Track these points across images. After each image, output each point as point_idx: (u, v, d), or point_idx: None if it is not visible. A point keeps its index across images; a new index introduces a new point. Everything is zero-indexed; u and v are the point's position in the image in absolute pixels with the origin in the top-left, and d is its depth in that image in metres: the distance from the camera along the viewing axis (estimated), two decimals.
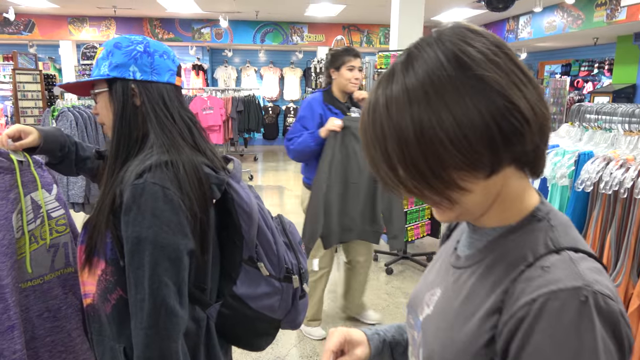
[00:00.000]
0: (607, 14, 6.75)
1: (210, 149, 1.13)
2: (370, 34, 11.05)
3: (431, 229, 4.41)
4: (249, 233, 1.08)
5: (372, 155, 0.58)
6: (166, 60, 1.08)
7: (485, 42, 0.55)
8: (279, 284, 1.14)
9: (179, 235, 0.96)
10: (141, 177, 0.95)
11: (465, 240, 0.69)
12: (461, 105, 0.52)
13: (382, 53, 4.01)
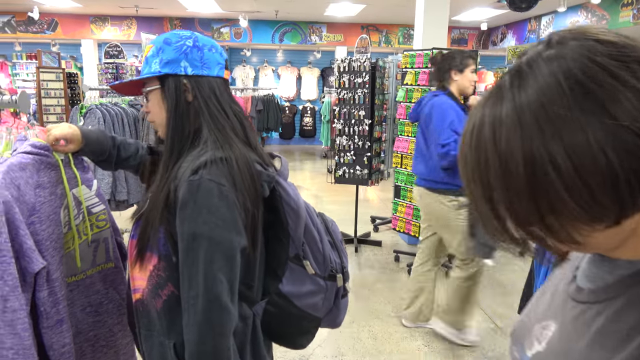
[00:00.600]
0: (634, 14, 6.61)
1: (259, 143, 1.13)
2: (389, 34, 11.01)
3: None
4: (295, 231, 1.08)
5: (471, 187, 0.50)
6: (214, 53, 1.09)
7: (619, 58, 0.44)
8: (323, 282, 1.14)
9: (234, 232, 0.96)
10: (197, 174, 0.95)
11: (588, 270, 0.60)
12: (579, 142, 0.42)
13: (407, 52, 3.98)
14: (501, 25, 10.58)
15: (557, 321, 0.61)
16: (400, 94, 4.09)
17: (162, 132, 1.10)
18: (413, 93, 3.95)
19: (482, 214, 0.50)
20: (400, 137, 4.14)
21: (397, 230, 4.35)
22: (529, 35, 9.53)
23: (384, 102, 4.70)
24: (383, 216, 5.76)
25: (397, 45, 11.03)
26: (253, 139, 1.10)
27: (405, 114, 4.06)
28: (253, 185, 1.00)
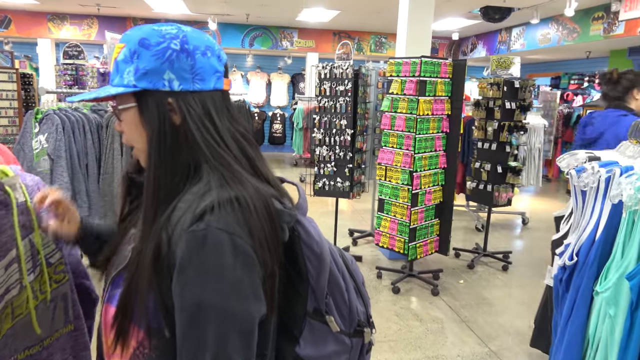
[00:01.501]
0: (605, 28, 6.72)
1: (271, 171, 0.88)
2: (361, 41, 10.90)
3: (439, 246, 4.20)
4: (318, 280, 0.85)
5: None
6: (210, 58, 0.82)
7: None
8: (349, 340, 0.91)
9: (252, 300, 0.72)
10: (201, 221, 0.70)
11: None
12: None
13: (393, 60, 3.80)
14: (472, 35, 10.66)
15: None
16: (385, 103, 3.90)
17: (144, 161, 0.83)
18: (399, 102, 3.77)
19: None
20: (384, 149, 3.95)
21: (380, 245, 4.15)
22: (499, 46, 9.63)
23: (365, 111, 4.50)
24: (361, 229, 5.56)
25: (369, 52, 10.94)
26: (263, 167, 0.85)
27: (391, 124, 3.87)
28: (273, 232, 0.76)
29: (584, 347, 1.68)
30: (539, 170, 6.38)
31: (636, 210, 1.50)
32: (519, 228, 6.37)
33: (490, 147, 4.56)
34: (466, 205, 6.55)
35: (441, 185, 4.04)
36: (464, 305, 3.86)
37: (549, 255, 5.80)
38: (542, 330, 2.07)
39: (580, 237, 1.69)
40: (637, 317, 1.47)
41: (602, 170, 1.61)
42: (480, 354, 3.13)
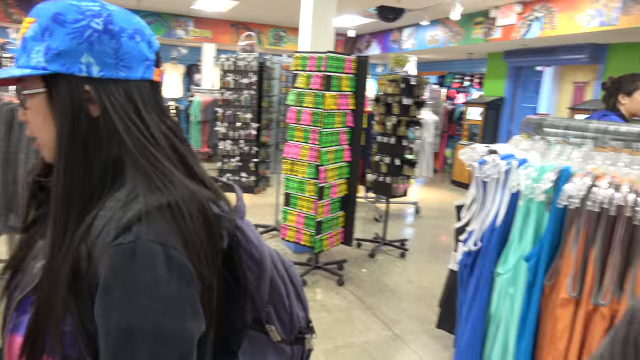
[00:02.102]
0: (485, 32, 7.39)
1: (204, 171, 0.78)
2: (260, 34, 10.77)
3: (344, 237, 4.31)
4: (258, 289, 0.79)
5: None
6: (140, 43, 0.71)
7: None
8: (289, 349, 0.86)
9: (191, 317, 0.64)
10: (129, 232, 0.61)
11: None
12: None
13: (298, 54, 3.80)
14: (367, 33, 11.09)
15: None
16: (290, 97, 3.89)
17: (51, 157, 0.71)
18: (305, 97, 3.78)
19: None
20: (290, 143, 3.95)
21: (287, 239, 4.16)
22: (392, 45, 10.13)
23: (270, 104, 4.45)
24: (265, 224, 5.51)
25: (267, 46, 10.86)
26: (197, 166, 0.76)
27: (296, 118, 3.87)
28: (211, 240, 0.68)
29: (487, 325, 1.83)
30: (429, 163, 6.86)
31: (531, 199, 1.65)
32: (412, 217, 6.79)
33: (389, 141, 4.78)
34: (365, 197, 6.82)
35: (346, 178, 4.14)
36: (367, 293, 4.01)
37: (441, 242, 6.22)
38: (446, 312, 2.22)
39: (483, 224, 1.84)
40: (534, 294, 1.63)
41: (502, 163, 1.75)
42: (386, 339, 3.28)
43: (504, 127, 8.82)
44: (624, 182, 1.44)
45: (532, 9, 6.48)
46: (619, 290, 1.47)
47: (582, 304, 1.52)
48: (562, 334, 1.56)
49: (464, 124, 9.18)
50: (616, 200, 1.41)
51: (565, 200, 1.51)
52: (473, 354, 1.84)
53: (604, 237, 1.49)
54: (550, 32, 6.23)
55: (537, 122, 1.87)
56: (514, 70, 8.66)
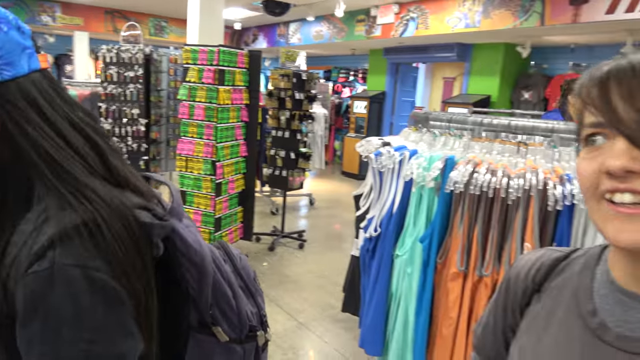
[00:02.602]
0: (366, 30, 7.79)
1: (131, 170, 0.72)
2: (139, 23, 10.13)
3: (243, 233, 4.30)
4: (200, 292, 0.75)
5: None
6: (9, 32, 0.61)
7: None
8: (240, 348, 0.84)
9: (124, 340, 0.60)
10: (43, 258, 0.56)
11: (623, 313, 0.56)
12: None
13: (188, 47, 3.68)
14: (253, 26, 11.01)
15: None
16: (182, 91, 3.75)
17: None
18: (197, 91, 3.68)
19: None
20: (184, 139, 3.82)
21: None
22: (279, 39, 10.20)
23: (159, 99, 4.26)
24: None
25: (149, 36, 10.26)
26: (119, 165, 0.69)
27: (189, 113, 3.76)
28: (138, 253, 0.63)
29: (389, 303, 1.99)
30: (321, 155, 7.09)
31: (423, 186, 1.83)
32: (307, 208, 6.98)
33: (283, 135, 4.85)
34: (260, 191, 6.84)
35: (243, 173, 4.13)
36: (270, 286, 4.06)
37: (335, 230, 6.45)
38: (350, 296, 2.36)
39: (381, 211, 1.99)
40: (428, 271, 1.81)
41: (396, 154, 1.91)
42: (291, 328, 3.37)
43: (387, 119, 9.42)
44: (498, 167, 1.66)
45: (408, 10, 6.99)
46: (498, 262, 1.70)
47: (469, 276, 1.73)
48: (453, 304, 1.76)
49: (350, 117, 9.60)
50: (493, 184, 1.63)
51: (452, 185, 1.70)
52: (377, 330, 1.99)
53: (485, 217, 1.71)
54: (424, 32, 6.78)
55: (424, 116, 2.06)
56: (393, 66, 9.26)
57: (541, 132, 1.73)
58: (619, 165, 0.47)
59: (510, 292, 0.72)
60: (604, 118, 0.50)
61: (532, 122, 1.74)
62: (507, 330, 0.73)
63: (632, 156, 0.47)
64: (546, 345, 0.62)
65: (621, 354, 0.54)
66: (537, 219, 1.60)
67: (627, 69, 0.49)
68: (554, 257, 0.69)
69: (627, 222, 0.48)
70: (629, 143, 0.48)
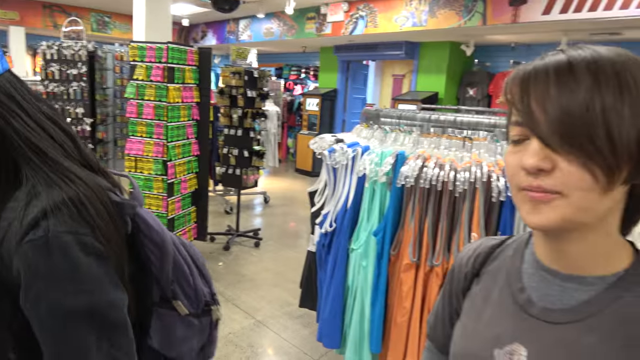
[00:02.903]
0: (317, 27, 7.83)
1: (97, 158, 0.83)
2: (80, 19, 9.69)
3: (197, 233, 4.24)
4: (162, 270, 0.85)
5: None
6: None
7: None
8: (197, 321, 0.95)
9: (116, 290, 0.71)
10: (38, 228, 0.64)
11: (546, 288, 0.62)
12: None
13: (135, 44, 3.57)
14: (202, 23, 10.80)
15: (528, 345, 0.61)
16: (129, 90, 3.63)
17: None
18: (146, 90, 3.58)
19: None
20: (132, 138, 3.71)
21: None
22: (229, 36, 10.07)
23: (105, 97, 4.11)
24: None
25: (91, 32, 9.84)
26: (91, 155, 0.79)
27: (138, 112, 3.65)
28: (114, 226, 0.73)
29: (345, 296, 2.04)
30: (275, 153, 7.07)
31: (375, 181, 1.88)
32: (262, 206, 6.95)
33: (236, 133, 4.81)
34: (213, 190, 6.74)
35: (195, 172, 4.06)
36: (226, 285, 4.03)
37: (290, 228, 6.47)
38: (307, 291, 2.38)
39: (336, 206, 2.03)
40: (382, 263, 1.87)
41: (349, 150, 1.95)
42: (249, 326, 3.36)
43: (339, 116, 9.52)
44: (446, 162, 1.74)
45: (357, 8, 7.09)
46: (448, 252, 1.78)
47: (421, 267, 1.81)
48: (407, 294, 1.83)
49: (303, 115, 9.63)
50: (441, 178, 1.70)
51: (403, 180, 1.76)
52: (335, 324, 2.03)
53: (434, 209, 1.79)
54: (373, 30, 6.91)
55: (375, 113, 2.11)
56: (344, 64, 9.36)
57: (485, 128, 1.82)
58: (532, 164, 0.52)
59: (455, 279, 0.79)
60: (522, 119, 0.54)
61: (476, 118, 1.83)
62: (453, 314, 0.80)
63: (544, 156, 0.52)
64: (483, 321, 0.68)
65: (544, 325, 0.60)
66: (482, 209, 1.68)
67: (542, 72, 0.53)
68: (490, 244, 0.76)
69: (536, 206, 0.54)
70: (541, 143, 0.52)
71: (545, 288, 0.62)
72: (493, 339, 0.65)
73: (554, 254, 0.61)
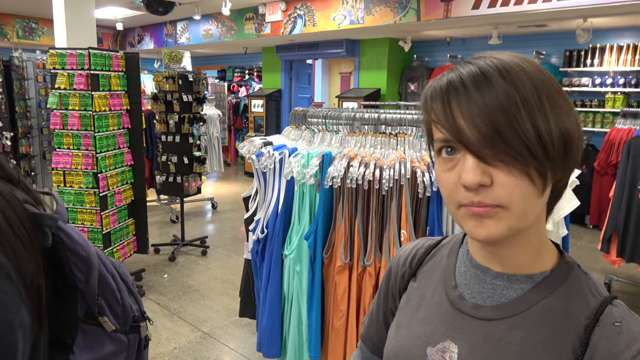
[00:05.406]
0: (256, 28, 7.72)
1: (19, 171, 0.76)
2: (4, 26, 9.12)
3: (138, 246, 4.05)
4: (87, 284, 0.80)
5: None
6: None
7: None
8: (125, 338, 0.90)
9: (12, 309, 0.64)
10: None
11: (477, 285, 0.63)
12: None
13: (54, 51, 3.35)
14: (137, 26, 10.42)
15: (460, 341, 0.62)
16: (51, 99, 3.42)
17: None
18: (69, 99, 3.37)
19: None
20: (59, 151, 3.48)
21: None
22: (167, 39, 9.77)
23: (26, 109, 3.85)
24: None
25: (17, 39, 9.28)
26: (11, 169, 0.74)
27: (62, 123, 3.44)
28: (28, 238, 0.68)
29: (282, 303, 1.99)
30: (220, 157, 6.91)
31: (304, 183, 1.84)
32: (210, 213, 6.78)
33: (174, 140, 4.64)
34: (157, 200, 6.51)
35: (130, 183, 3.88)
36: (172, 298, 3.89)
37: (240, 232, 6.36)
38: (246, 300, 2.31)
39: (267, 211, 1.97)
40: (316, 267, 1.83)
41: (276, 153, 1.90)
42: (195, 339, 3.25)
43: (285, 117, 9.45)
44: (370, 160, 1.72)
45: (295, 7, 7.04)
46: (379, 251, 1.76)
47: (354, 268, 1.78)
48: (342, 297, 1.80)
49: (249, 117, 9.49)
50: (367, 176, 1.68)
51: (330, 181, 1.73)
52: (274, 332, 1.97)
53: (363, 209, 1.76)
54: (312, 29, 6.89)
55: (302, 114, 2.07)
56: (286, 64, 9.30)
57: (409, 124, 1.82)
58: (472, 181, 0.52)
59: (391, 278, 0.79)
60: (452, 137, 0.54)
61: (399, 114, 1.82)
62: (388, 313, 0.80)
63: (482, 171, 0.52)
64: (417, 319, 0.69)
65: (475, 321, 0.61)
66: (409, 206, 1.68)
67: (459, 85, 0.53)
68: (427, 244, 0.77)
69: (480, 220, 0.54)
70: (477, 160, 0.52)
71: (477, 285, 0.63)
72: (426, 337, 0.65)
73: (489, 254, 0.62)
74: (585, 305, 0.57)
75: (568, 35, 6.30)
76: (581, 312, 0.57)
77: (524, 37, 6.72)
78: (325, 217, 1.83)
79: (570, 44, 6.28)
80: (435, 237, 0.78)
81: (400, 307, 0.74)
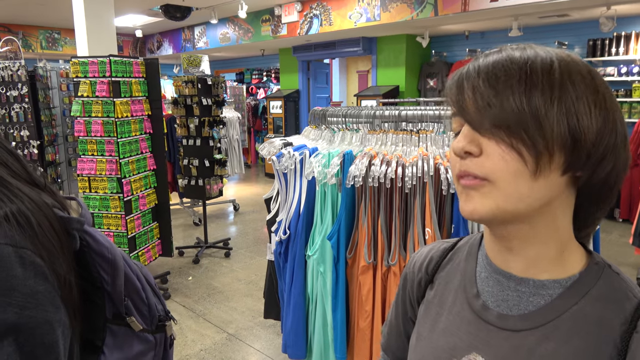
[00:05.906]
0: (272, 29, 7.75)
1: (46, 178, 0.81)
2: (27, 37, 9.36)
3: (162, 249, 4.11)
4: (114, 286, 0.82)
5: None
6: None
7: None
8: (152, 337, 0.92)
9: (51, 309, 0.67)
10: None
11: (501, 293, 0.60)
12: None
13: (77, 59, 3.42)
14: (156, 33, 10.57)
15: (487, 354, 0.59)
16: (75, 107, 3.49)
17: None
18: (92, 106, 3.44)
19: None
20: (83, 158, 3.56)
21: None
22: (185, 44, 9.88)
23: (52, 118, 3.94)
24: None
25: (41, 50, 9.52)
26: (37, 174, 0.78)
27: (86, 130, 3.50)
28: (59, 241, 0.71)
29: (307, 304, 1.98)
30: (240, 159, 6.96)
31: (325, 183, 1.83)
32: (232, 215, 6.83)
33: (195, 143, 4.69)
34: (180, 203, 6.59)
35: (154, 187, 3.93)
36: (197, 300, 3.92)
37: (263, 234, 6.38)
38: (270, 301, 2.31)
39: (289, 212, 1.96)
40: (340, 267, 1.81)
41: (296, 154, 1.89)
42: (221, 341, 3.27)
43: (304, 117, 9.46)
44: (392, 158, 1.69)
45: (311, 7, 7.04)
46: (404, 250, 1.74)
47: (378, 267, 1.76)
48: (367, 297, 1.78)
49: (268, 118, 9.53)
50: (389, 175, 1.66)
51: (351, 180, 1.71)
52: (299, 333, 1.97)
53: (386, 207, 1.74)
54: (329, 28, 6.87)
55: (321, 113, 2.06)
56: (304, 64, 9.31)
57: (430, 120, 1.79)
58: (459, 146, 0.53)
59: (407, 286, 0.76)
60: (456, 108, 0.55)
61: (420, 110, 1.79)
62: (407, 322, 0.77)
63: (471, 139, 0.52)
64: (439, 330, 0.65)
65: (502, 332, 0.58)
66: (433, 204, 1.65)
67: (472, 71, 0.54)
68: (442, 248, 0.73)
69: (468, 194, 0.53)
70: (471, 129, 0.53)
71: (501, 293, 0.60)
72: (450, 349, 0.62)
73: (505, 254, 0.59)
74: (619, 310, 0.54)
75: (591, 24, 6.14)
76: (616, 317, 0.53)
77: (545, 27, 6.57)
78: (348, 217, 1.81)
79: (594, 33, 6.12)
80: (450, 240, 0.75)
81: (419, 316, 0.71)
